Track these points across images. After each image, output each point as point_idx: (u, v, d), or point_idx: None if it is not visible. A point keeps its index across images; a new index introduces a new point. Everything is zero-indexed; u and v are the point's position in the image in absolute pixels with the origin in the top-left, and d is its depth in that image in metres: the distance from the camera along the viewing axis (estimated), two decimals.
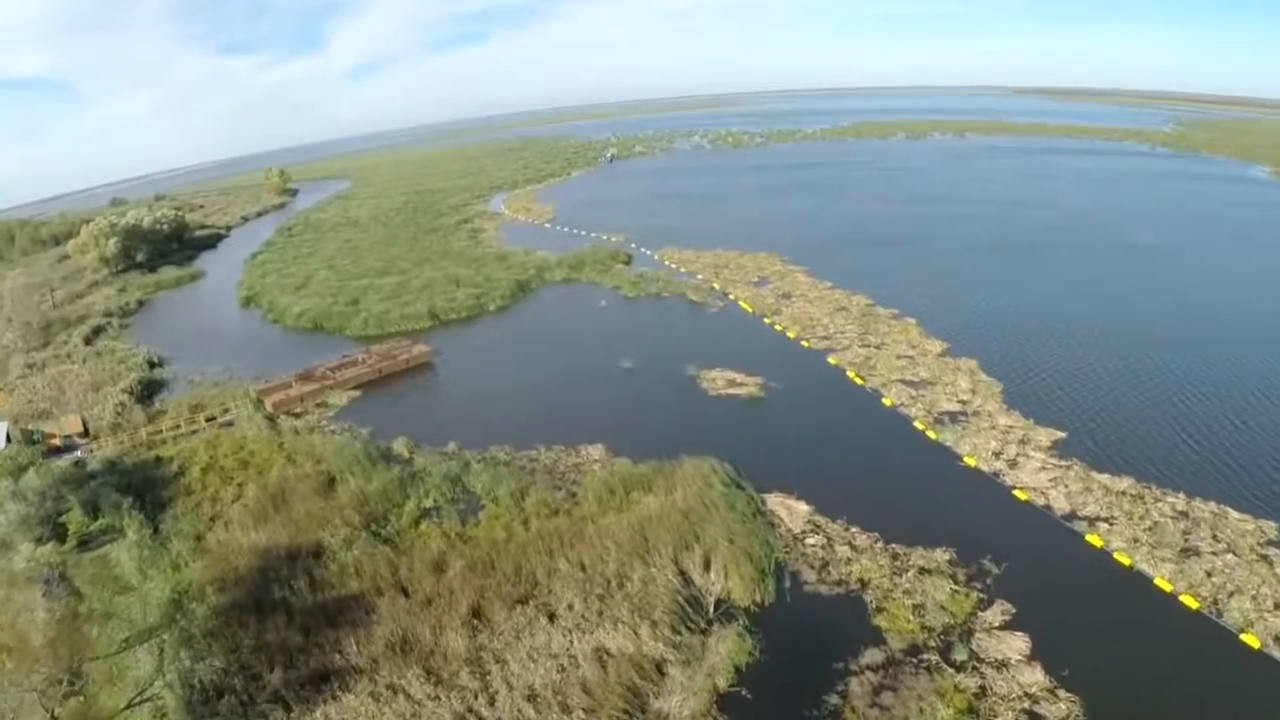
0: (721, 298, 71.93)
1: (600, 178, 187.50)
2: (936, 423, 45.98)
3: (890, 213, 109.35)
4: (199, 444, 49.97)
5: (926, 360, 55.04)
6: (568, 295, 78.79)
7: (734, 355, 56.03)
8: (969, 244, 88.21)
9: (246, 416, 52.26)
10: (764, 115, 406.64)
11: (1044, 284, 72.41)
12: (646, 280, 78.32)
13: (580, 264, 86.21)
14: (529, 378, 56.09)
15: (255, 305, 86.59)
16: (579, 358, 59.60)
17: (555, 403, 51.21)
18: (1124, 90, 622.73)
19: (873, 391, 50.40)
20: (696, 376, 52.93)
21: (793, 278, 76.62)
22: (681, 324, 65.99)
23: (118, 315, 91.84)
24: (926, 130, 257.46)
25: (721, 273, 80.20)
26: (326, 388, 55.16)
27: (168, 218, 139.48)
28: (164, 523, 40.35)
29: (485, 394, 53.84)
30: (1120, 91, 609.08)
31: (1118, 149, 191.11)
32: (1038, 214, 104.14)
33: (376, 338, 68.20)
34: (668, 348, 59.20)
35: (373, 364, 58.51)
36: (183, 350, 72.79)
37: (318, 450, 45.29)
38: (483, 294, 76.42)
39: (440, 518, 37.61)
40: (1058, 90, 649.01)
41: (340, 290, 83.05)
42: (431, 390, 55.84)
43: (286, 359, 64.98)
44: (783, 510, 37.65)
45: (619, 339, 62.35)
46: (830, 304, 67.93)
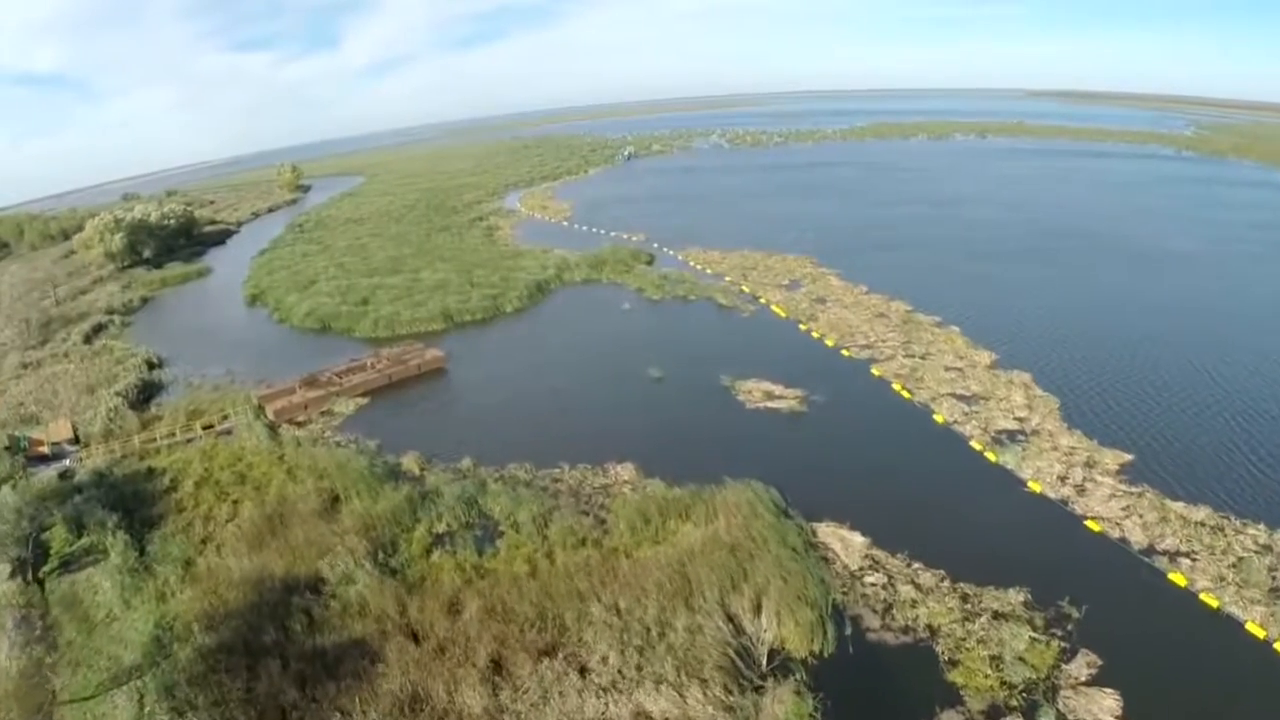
0: (752, 301, 67.76)
1: (618, 176, 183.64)
2: (994, 443, 41.87)
3: (920, 215, 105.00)
4: (194, 454, 46.41)
5: (976, 372, 50.85)
6: (588, 297, 74.87)
7: (770, 364, 51.94)
8: (1003, 248, 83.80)
9: (246, 425, 48.66)
10: (782, 115, 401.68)
11: (1087, 291, 67.97)
12: (671, 282, 74.29)
13: (601, 264, 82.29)
14: (550, 386, 52.10)
15: (261, 304, 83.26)
16: (603, 365, 55.56)
17: (579, 415, 47.28)
18: (1138, 94, 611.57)
19: (922, 407, 46.26)
20: (731, 387, 48.88)
21: (825, 281, 72.40)
22: (711, 329, 61.81)
23: (120, 312, 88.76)
24: (948, 132, 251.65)
25: (750, 275, 76.05)
26: (332, 395, 51.47)
27: (175, 213, 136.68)
28: (152, 544, 36.74)
29: (503, 404, 49.94)
30: (1134, 95, 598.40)
31: (1143, 152, 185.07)
32: (1071, 219, 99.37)
33: (387, 340, 64.46)
34: (698, 355, 55.20)
35: (382, 369, 54.80)
36: (184, 350, 69.48)
37: (320, 464, 41.54)
38: (499, 294, 72.58)
39: (454, 546, 33.74)
40: (1071, 93, 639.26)
41: (350, 289, 79.51)
42: (445, 399, 52.01)
43: (291, 362, 61.44)
44: (836, 543, 33.62)
45: (645, 344, 58.29)
46: (868, 310, 63.74)
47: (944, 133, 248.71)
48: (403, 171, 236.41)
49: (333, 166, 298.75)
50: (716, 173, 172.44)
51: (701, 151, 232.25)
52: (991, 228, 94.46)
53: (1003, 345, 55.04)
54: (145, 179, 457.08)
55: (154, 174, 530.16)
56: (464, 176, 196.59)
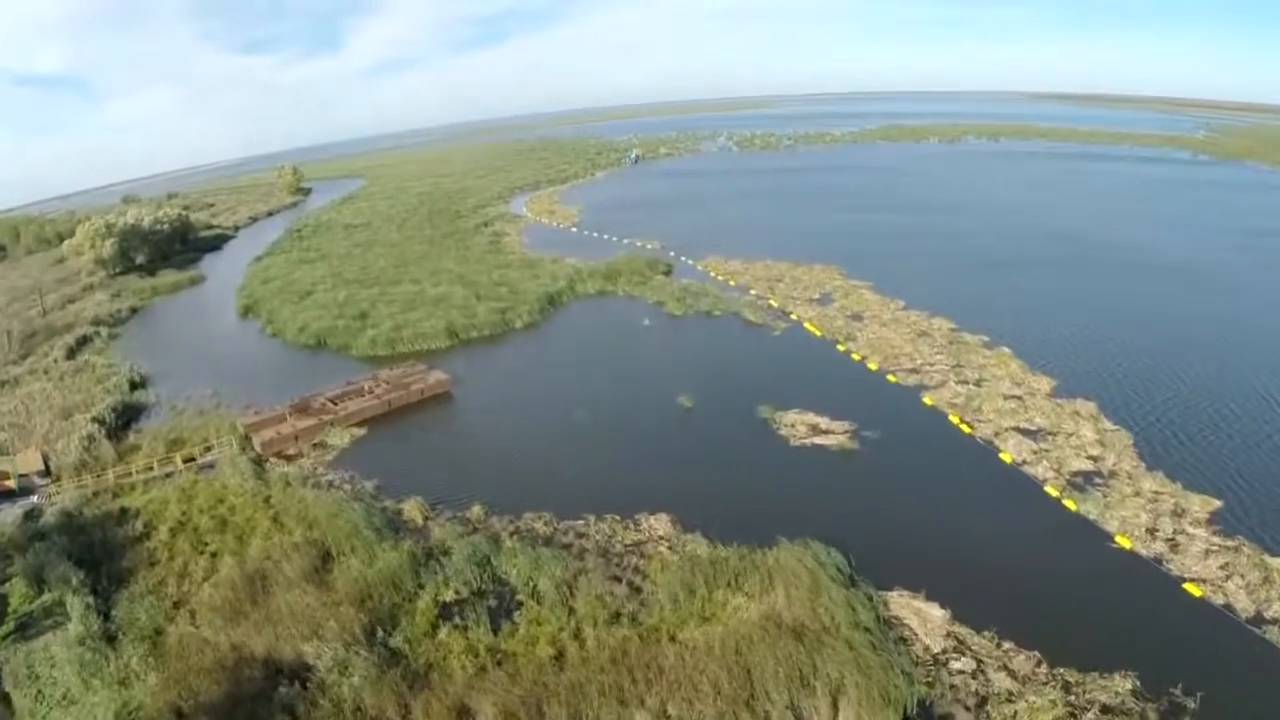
0: (782, 318, 62.66)
1: (626, 179, 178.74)
2: (1070, 487, 36.98)
3: (946, 223, 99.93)
4: (172, 493, 41.58)
5: (1037, 402, 45.88)
6: (604, 311, 69.85)
7: (811, 392, 46.96)
8: (1039, 259, 78.66)
9: (229, 459, 43.77)
10: (787, 118, 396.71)
11: (1136, 306, 62.95)
12: (693, 295, 69.17)
13: (615, 274, 77.25)
14: (567, 416, 46.88)
15: (254, 315, 78.46)
16: (625, 391, 50.31)
17: (602, 452, 42.13)
18: (1139, 96, 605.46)
19: (985, 443, 41.28)
20: (771, 419, 43.84)
21: (858, 295, 67.35)
22: (741, 350, 56.64)
23: (107, 324, 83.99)
24: (959, 135, 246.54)
25: (777, 287, 70.99)
26: (326, 424, 46.52)
27: (170, 217, 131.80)
28: (119, 605, 31.94)
29: (515, 437, 44.74)
30: (1136, 98, 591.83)
31: (1159, 156, 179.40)
32: (1106, 227, 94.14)
33: (386, 360, 59.42)
34: (730, 380, 50.21)
35: (381, 394, 49.82)
36: (170, 367, 64.73)
37: (310, 511, 36.62)
38: (508, 308, 67.49)
39: (465, 619, 28.73)
40: (1073, 96, 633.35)
41: (347, 301, 74.59)
42: (451, 430, 46.93)
43: (283, 382, 56.64)
44: (912, 617, 28.67)
45: (670, 367, 53.29)
46: (908, 328, 58.74)
47: (956, 136, 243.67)
48: (405, 174, 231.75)
49: (335, 169, 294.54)
50: (728, 176, 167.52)
51: (710, 154, 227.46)
52: (1024, 237, 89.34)
53: (1060, 369, 50.14)
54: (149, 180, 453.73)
55: (158, 175, 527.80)
56: (468, 179, 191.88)
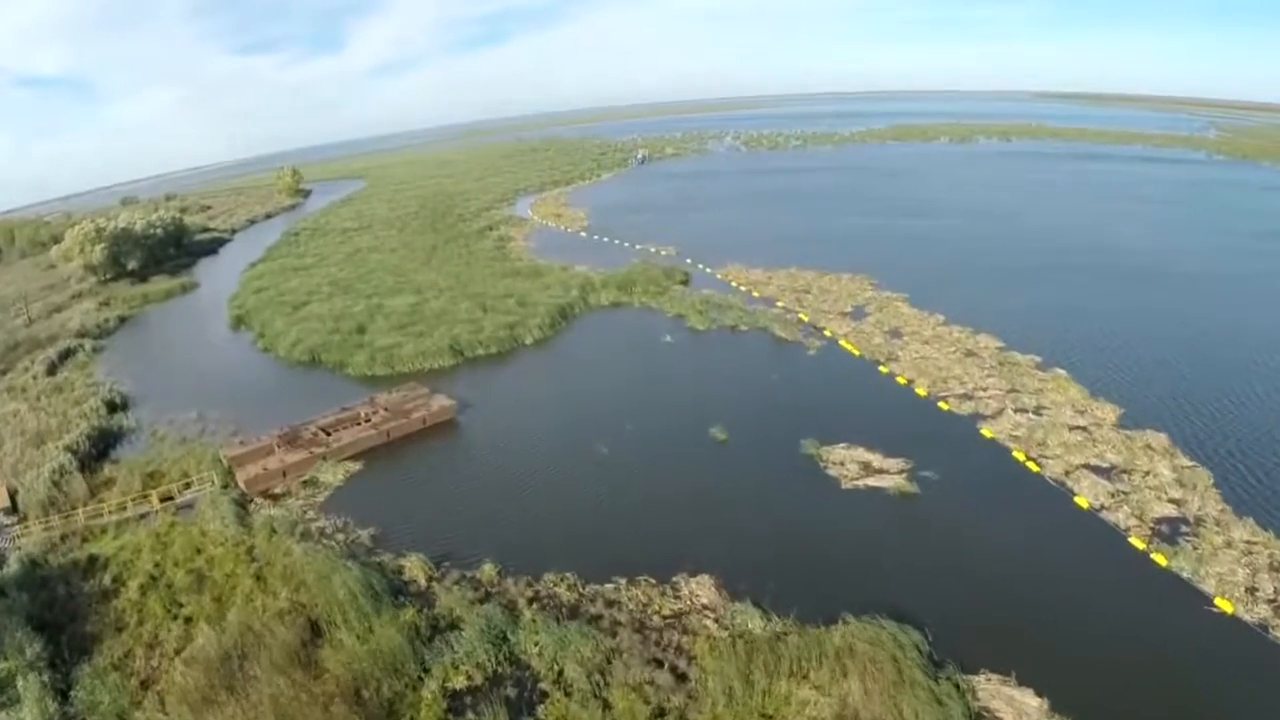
0: (815, 334, 57.84)
1: (633, 180, 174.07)
2: (1156, 537, 32.44)
3: (971, 229, 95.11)
4: (146, 539, 37.06)
5: (1104, 433, 41.21)
6: (620, 325, 65.04)
7: (857, 422, 42.27)
8: (1078, 268, 73.70)
9: (210, 499, 39.20)
10: (794, 117, 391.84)
11: (1193, 323, 57.92)
12: (716, 307, 64.42)
13: (630, 283, 72.43)
14: (586, 450, 42.01)
15: (246, 327, 73.90)
16: (650, 420, 45.29)
17: (628, 496, 37.20)
18: (1142, 95, 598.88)
19: (1056, 484, 36.62)
20: (817, 456, 39.10)
21: (893, 308, 62.57)
22: (774, 371, 51.65)
23: (92, 335, 79.55)
24: (970, 134, 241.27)
25: (804, 299, 66.21)
26: (317, 457, 41.88)
27: (163, 221, 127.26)
28: (80, 681, 27.48)
29: (529, 476, 39.87)
30: (1139, 96, 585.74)
31: (1174, 156, 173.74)
32: (1142, 233, 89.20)
33: (384, 380, 54.67)
34: (766, 408, 45.43)
35: (379, 423, 45.11)
36: (155, 385, 60.26)
37: (298, 568, 31.99)
38: (516, 322, 62.63)
39: (480, 712, 24.14)
40: (1076, 95, 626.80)
41: (344, 313, 69.87)
42: (456, 466, 42.03)
43: (273, 405, 52.14)
44: (1006, 708, 24.16)
45: (698, 391, 48.44)
46: (953, 346, 54.01)
47: (966, 135, 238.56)
48: (406, 175, 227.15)
49: (336, 170, 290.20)
50: (738, 177, 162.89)
51: (717, 155, 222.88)
52: (1058, 244, 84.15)
53: (1123, 394, 45.46)
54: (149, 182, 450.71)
55: (158, 176, 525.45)
56: (471, 180, 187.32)
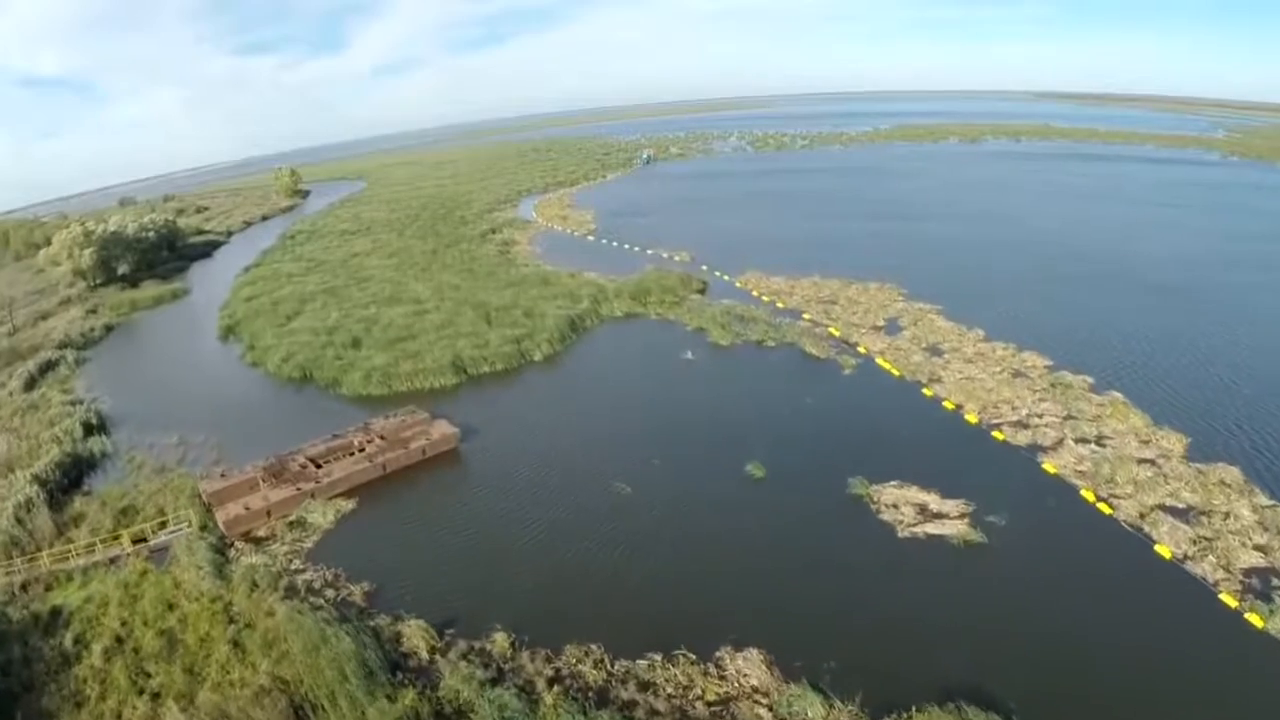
0: (848, 350, 53.20)
1: (639, 181, 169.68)
2: (1248, 592, 28.13)
3: (999, 235, 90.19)
4: (114, 589, 32.82)
5: (1175, 467, 36.78)
6: (636, 339, 60.42)
7: (906, 455, 37.88)
8: (1109, 277, 68.74)
9: (185, 545, 34.92)
10: (798, 117, 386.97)
11: (1245, 340, 52.92)
12: (739, 320, 59.87)
13: (644, 292, 67.87)
14: (605, 490, 37.11)
15: (236, 337, 69.70)
16: (675, 452, 40.34)
17: (658, 547, 32.47)
18: (1145, 95, 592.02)
19: (1132, 529, 32.21)
20: (865, 496, 34.65)
21: (928, 322, 58.08)
22: (809, 394, 46.84)
23: (76, 346, 75.38)
24: (979, 135, 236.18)
25: (832, 311, 61.68)
26: (305, 495, 37.57)
27: (156, 223, 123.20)
28: None
29: (543, 522, 35.10)
30: (1141, 96, 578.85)
31: (1189, 158, 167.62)
32: (1171, 239, 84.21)
33: (381, 401, 50.31)
34: (804, 438, 40.85)
35: (373, 453, 40.72)
36: (136, 402, 56.17)
37: (281, 634, 27.69)
38: (523, 336, 58.05)
39: None
40: (1078, 95, 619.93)
41: (339, 324, 65.48)
42: (461, 506, 37.29)
43: (259, 428, 47.99)
44: None
45: (726, 418, 43.76)
46: (998, 365, 49.54)
47: (975, 136, 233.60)
48: (407, 176, 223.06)
49: (336, 170, 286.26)
50: (747, 178, 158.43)
51: (724, 155, 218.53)
52: (1087, 252, 78.98)
53: (1187, 422, 40.80)
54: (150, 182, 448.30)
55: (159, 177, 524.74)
56: (472, 181, 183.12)
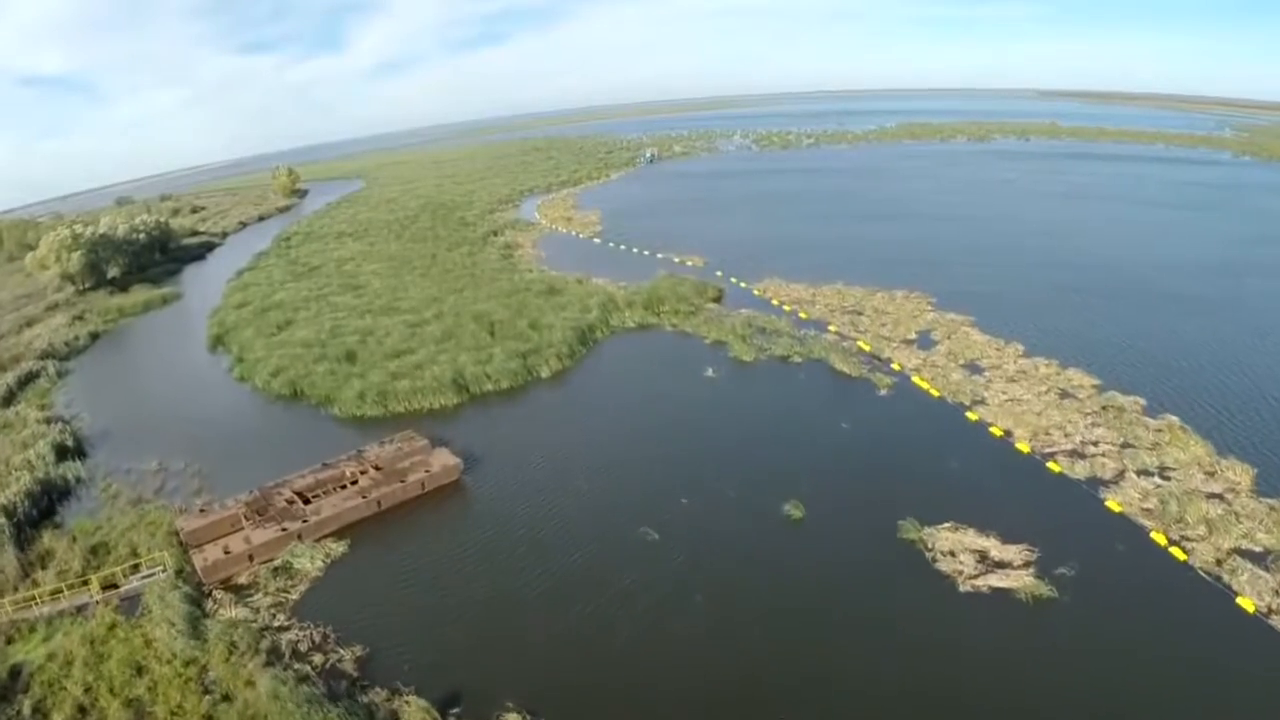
0: (881, 367, 49.23)
1: (643, 180, 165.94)
2: None
3: (1021, 240, 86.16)
4: (80, 646, 29.23)
5: (1243, 502, 33.11)
6: (651, 353, 56.47)
7: (957, 491, 34.23)
8: (1143, 285, 64.95)
9: (159, 593, 31.28)
10: (802, 115, 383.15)
11: None
12: (761, 333, 56.05)
13: (657, 301, 63.96)
14: (631, 536, 32.94)
15: (225, 348, 66.03)
16: (702, 487, 36.22)
17: (688, 603, 28.50)
18: (1147, 93, 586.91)
19: (1210, 578, 28.52)
20: (919, 541, 30.84)
21: (963, 335, 54.27)
22: (844, 418, 42.72)
23: (59, 356, 71.70)
24: (986, 134, 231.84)
25: (859, 322, 57.89)
26: (292, 536, 33.88)
27: (147, 225, 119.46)
28: None
29: (559, 575, 30.96)
30: (1144, 94, 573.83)
31: (1202, 158, 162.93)
32: (1200, 246, 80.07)
33: (376, 423, 46.44)
34: (844, 469, 37.11)
35: (367, 487, 36.94)
36: (117, 420, 52.74)
37: (262, 712, 24.10)
38: (530, 350, 54.10)
39: None
40: (1082, 93, 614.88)
41: (332, 335, 61.67)
42: (465, 554, 33.12)
43: (244, 453, 44.43)
44: None
45: (756, 446, 39.90)
46: (1043, 384, 45.72)
47: (984, 135, 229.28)
48: (407, 175, 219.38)
49: (335, 169, 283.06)
50: (755, 177, 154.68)
51: (728, 154, 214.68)
52: (1119, 259, 74.97)
53: (1249, 450, 37.06)
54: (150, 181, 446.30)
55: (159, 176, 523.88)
56: (473, 181, 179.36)
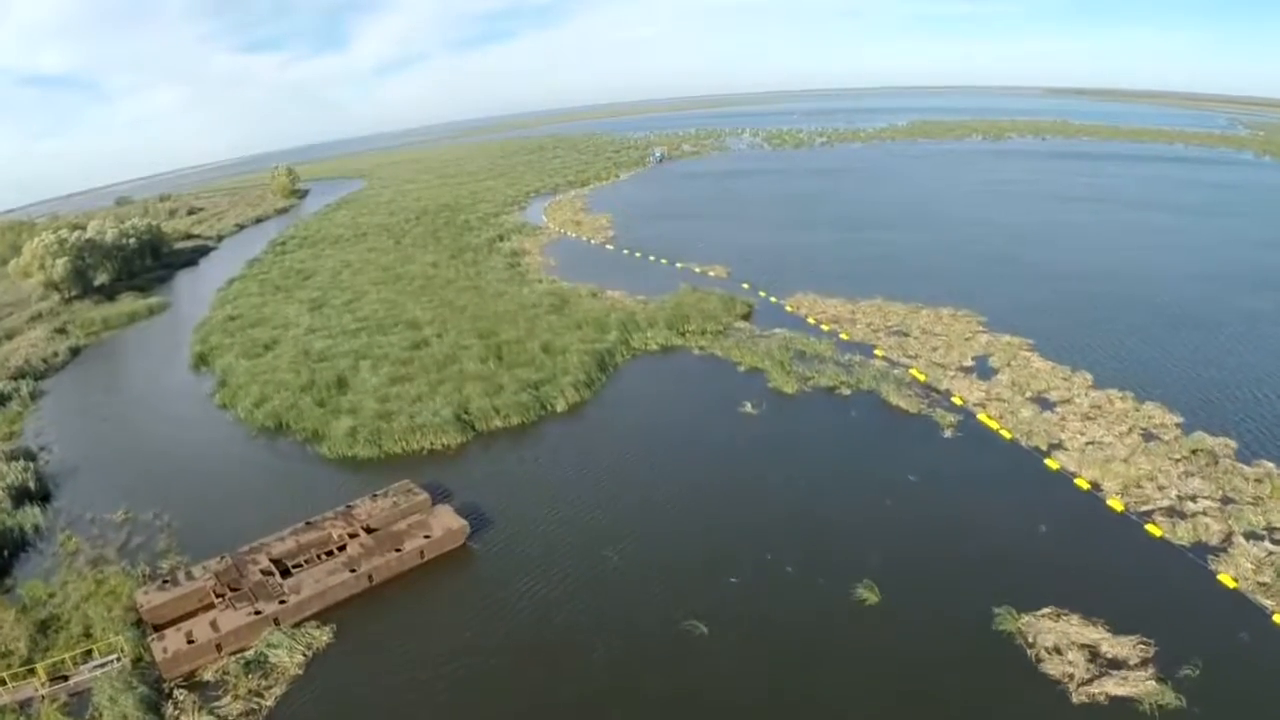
0: (940, 401, 43.22)
1: (654, 180, 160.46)
2: None
3: (1060, 251, 79.68)
4: None
5: None
6: (678, 381, 50.42)
7: (1051, 563, 28.73)
8: (1201, 303, 59.29)
9: (111, 694, 26.08)
10: (809, 113, 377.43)
11: None
12: (801, 357, 50.09)
13: (682, 319, 58.02)
14: (674, 629, 26.94)
15: (208, 367, 60.93)
16: (755, 559, 30.29)
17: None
18: (1151, 90, 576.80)
19: None
20: (1018, 633, 25.33)
21: (1023, 361, 48.36)
22: (909, 467, 36.48)
23: (35, 375, 66.85)
24: (1001, 132, 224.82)
25: (906, 344, 52.17)
26: (268, 620, 28.60)
27: (137, 229, 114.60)
28: None
29: (586, 675, 25.50)
30: (1148, 92, 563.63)
31: (1222, 157, 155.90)
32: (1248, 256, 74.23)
33: (369, 466, 40.87)
34: (917, 535, 31.32)
35: (356, 557, 31.40)
36: (87, 454, 47.87)
37: None
38: (543, 379, 48.22)
39: None
40: (1088, 91, 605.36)
41: (322, 360, 56.09)
42: (472, 643, 27.33)
43: (219, 502, 39.29)
44: None
45: (812, 505, 34.00)
46: (1121, 423, 40.00)
47: (999, 133, 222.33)
48: (409, 175, 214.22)
49: (336, 169, 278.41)
50: (769, 177, 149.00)
51: (739, 152, 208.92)
52: (1167, 274, 68.63)
53: None
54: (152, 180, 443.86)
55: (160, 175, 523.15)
56: (477, 181, 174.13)
